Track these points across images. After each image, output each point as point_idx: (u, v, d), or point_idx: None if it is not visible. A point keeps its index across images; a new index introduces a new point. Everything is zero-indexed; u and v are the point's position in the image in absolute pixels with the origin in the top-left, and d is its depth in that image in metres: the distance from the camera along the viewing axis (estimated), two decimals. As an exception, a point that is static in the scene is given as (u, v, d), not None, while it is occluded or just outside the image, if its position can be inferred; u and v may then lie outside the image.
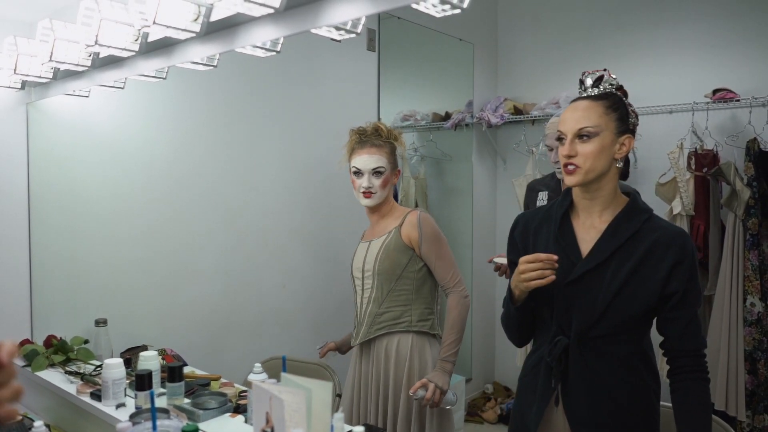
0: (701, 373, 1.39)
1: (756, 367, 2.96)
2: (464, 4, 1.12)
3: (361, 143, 2.02)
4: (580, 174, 1.37)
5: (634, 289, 1.37)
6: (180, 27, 1.44)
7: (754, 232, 2.94)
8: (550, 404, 1.45)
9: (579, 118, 1.37)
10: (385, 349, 2.01)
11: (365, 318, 2.04)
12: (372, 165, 1.99)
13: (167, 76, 1.85)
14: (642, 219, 1.40)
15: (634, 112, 1.43)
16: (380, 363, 2.02)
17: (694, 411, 1.37)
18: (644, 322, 1.41)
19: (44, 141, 2.22)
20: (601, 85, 1.41)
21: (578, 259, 1.41)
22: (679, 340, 1.39)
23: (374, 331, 2.01)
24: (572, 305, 1.40)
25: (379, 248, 2.01)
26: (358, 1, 1.15)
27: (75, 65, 1.85)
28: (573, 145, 1.37)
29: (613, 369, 1.41)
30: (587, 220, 1.45)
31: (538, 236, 1.50)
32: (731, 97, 3.07)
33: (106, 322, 2.12)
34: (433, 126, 3.81)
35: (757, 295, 2.94)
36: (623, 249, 1.39)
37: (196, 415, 1.67)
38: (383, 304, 2.01)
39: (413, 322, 2.01)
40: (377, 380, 2.03)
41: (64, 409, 2.02)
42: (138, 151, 2.27)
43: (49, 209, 2.23)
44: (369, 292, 2.03)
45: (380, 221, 2.09)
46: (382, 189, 2.01)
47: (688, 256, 1.37)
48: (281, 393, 1.29)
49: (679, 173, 3.12)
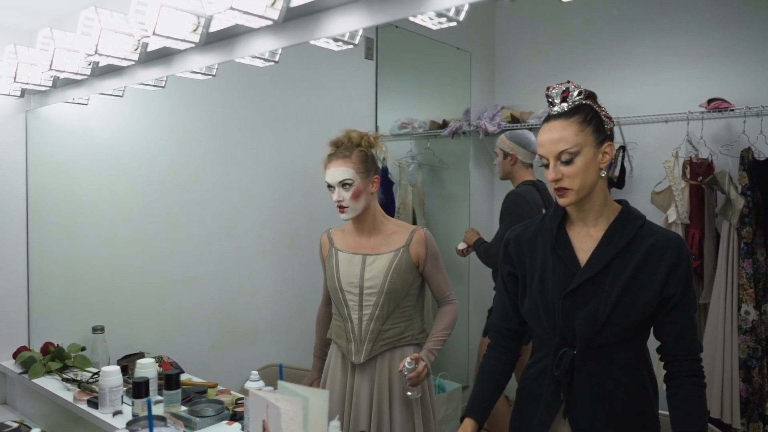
0: (697, 377, 1.40)
1: (751, 375, 2.98)
2: (460, 17, 1.14)
3: (330, 156, 1.96)
4: (571, 195, 1.38)
5: (634, 295, 1.37)
6: (179, 37, 1.46)
7: (748, 241, 2.96)
8: (557, 417, 1.45)
9: (556, 140, 1.36)
10: (388, 363, 1.97)
11: (367, 335, 1.96)
12: (338, 177, 1.91)
13: (166, 84, 1.86)
14: (637, 225, 1.41)
15: (607, 116, 1.42)
16: (383, 376, 1.96)
17: (689, 416, 1.37)
18: (645, 328, 1.42)
19: (43, 148, 2.24)
20: (569, 100, 1.39)
21: (577, 269, 1.41)
22: (675, 345, 1.40)
23: (379, 348, 1.96)
24: (574, 316, 1.40)
25: (387, 267, 1.94)
26: (356, 13, 1.17)
27: (74, 74, 1.87)
28: (557, 168, 1.37)
29: (617, 377, 1.41)
30: (582, 230, 1.45)
31: (533, 248, 1.50)
32: (726, 107, 3.09)
33: (103, 329, 2.13)
34: (430, 134, 3.83)
35: (751, 303, 2.95)
36: (620, 256, 1.39)
37: (193, 422, 1.67)
38: (387, 321, 1.96)
39: (415, 335, 2.01)
40: (378, 393, 1.97)
41: (60, 417, 2.02)
42: (136, 158, 2.28)
43: (47, 216, 2.24)
44: (371, 310, 1.95)
45: (373, 235, 2.01)
46: (353, 201, 1.91)
47: (684, 260, 1.38)
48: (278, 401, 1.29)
49: (675, 182, 3.14)
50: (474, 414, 1.54)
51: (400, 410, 1.96)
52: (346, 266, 1.99)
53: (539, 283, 1.46)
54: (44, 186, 2.23)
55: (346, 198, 1.91)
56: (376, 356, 1.97)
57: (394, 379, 1.96)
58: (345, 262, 2.00)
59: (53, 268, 2.23)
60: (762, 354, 2.97)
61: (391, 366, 1.97)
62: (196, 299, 2.44)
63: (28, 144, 2.25)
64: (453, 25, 1.16)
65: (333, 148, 1.97)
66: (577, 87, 1.40)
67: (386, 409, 1.96)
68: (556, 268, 1.43)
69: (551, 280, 1.43)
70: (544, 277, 1.45)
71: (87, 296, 2.22)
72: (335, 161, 1.93)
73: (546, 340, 1.47)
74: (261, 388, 1.60)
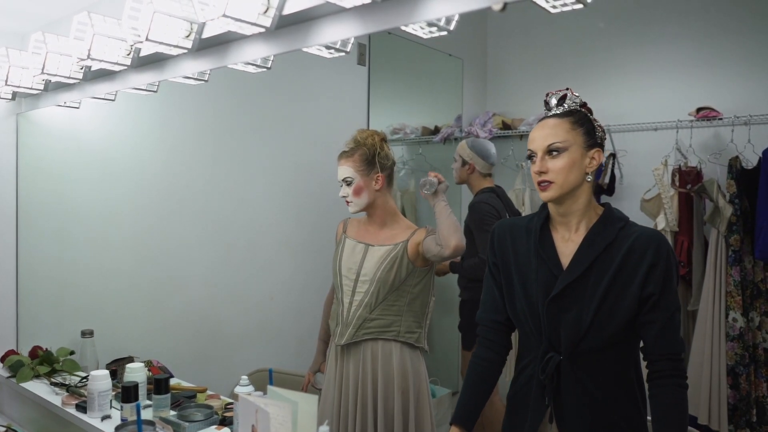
0: (678, 378, 1.38)
1: (738, 382, 3.00)
2: (451, 27, 1.15)
3: (339, 155, 2.11)
4: (554, 189, 1.40)
5: (616, 297, 1.38)
6: (172, 43, 1.47)
7: (736, 249, 2.99)
8: (543, 421, 1.46)
9: (547, 135, 1.41)
10: (371, 352, 2.04)
11: (353, 320, 2.05)
12: (341, 176, 2.07)
13: (158, 89, 1.87)
14: (618, 227, 1.42)
15: (600, 126, 1.46)
16: (366, 364, 2.04)
17: (669, 417, 1.36)
18: (632, 332, 1.41)
19: (34, 151, 2.23)
20: (565, 103, 1.44)
21: (560, 273, 1.42)
22: (655, 343, 1.38)
23: (362, 335, 2.04)
24: (559, 321, 1.41)
25: (383, 257, 2.02)
26: (348, 22, 1.18)
27: (66, 78, 1.86)
28: (543, 161, 1.40)
29: (605, 383, 1.42)
30: (565, 234, 1.46)
31: (517, 245, 1.51)
32: (714, 116, 3.13)
33: (92, 333, 2.12)
34: (422, 140, 3.84)
35: (739, 310, 2.98)
36: (601, 259, 1.40)
37: (182, 427, 1.67)
38: (375, 311, 2.03)
39: (401, 333, 2.04)
40: (363, 380, 2.05)
41: (49, 421, 2.01)
42: (127, 162, 2.28)
43: (36, 219, 2.23)
44: (361, 296, 2.04)
45: (383, 228, 2.10)
46: (355, 196, 2.06)
47: (663, 258, 1.37)
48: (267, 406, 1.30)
49: (664, 190, 3.17)
50: (461, 421, 1.54)
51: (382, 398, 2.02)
52: (349, 253, 2.11)
53: (522, 287, 1.47)
54: (34, 189, 2.23)
55: (349, 193, 2.07)
56: (360, 343, 2.05)
57: (377, 369, 2.03)
58: (349, 249, 2.12)
59: (42, 272, 2.22)
60: (749, 361, 2.99)
61: (375, 354, 2.03)
62: (185, 303, 2.43)
63: (19, 147, 2.25)
64: (444, 35, 1.18)
65: (344, 148, 2.12)
66: (575, 94, 1.45)
67: (370, 396, 2.03)
68: (540, 271, 1.44)
69: (535, 284, 1.44)
70: (528, 280, 1.46)
71: (76, 300, 2.21)
72: (341, 160, 2.10)
73: (533, 344, 1.48)
74: (251, 392, 1.61)
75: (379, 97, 3.21)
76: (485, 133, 3.91)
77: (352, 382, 2.06)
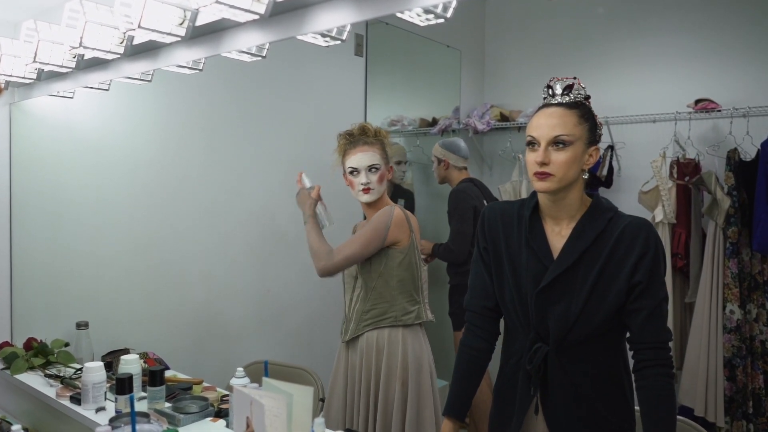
0: (664, 367, 1.37)
1: (735, 374, 3.00)
2: (448, 14, 1.13)
3: (352, 144, 2.08)
4: (553, 181, 1.37)
5: (605, 287, 1.36)
6: (165, 31, 1.45)
7: (734, 241, 2.98)
8: (529, 412, 1.45)
9: (555, 125, 1.36)
10: (376, 342, 2.04)
11: (353, 315, 2.09)
12: (367, 162, 2.04)
13: (153, 78, 1.85)
14: (606, 218, 1.40)
15: (599, 123, 1.44)
16: (371, 355, 2.05)
17: (656, 407, 1.35)
18: (619, 322, 1.40)
19: (27, 141, 2.21)
20: (571, 93, 1.39)
21: (550, 264, 1.41)
22: (642, 331, 1.36)
23: (362, 328, 2.06)
24: (547, 313, 1.39)
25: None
26: (343, 8, 1.17)
27: (59, 66, 1.84)
28: (547, 152, 1.36)
29: (592, 375, 1.41)
30: (555, 227, 1.45)
31: (508, 233, 1.48)
32: (713, 108, 3.11)
33: (87, 325, 2.11)
34: (420, 131, 3.83)
35: (736, 302, 2.98)
36: (591, 250, 1.38)
37: (177, 419, 1.66)
38: (368, 303, 2.06)
39: (398, 317, 2.05)
40: (368, 372, 2.06)
41: (43, 413, 2.00)
42: (122, 152, 2.26)
43: (30, 210, 2.21)
44: (357, 292, 2.09)
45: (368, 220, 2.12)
46: (379, 184, 2.06)
47: (652, 247, 1.36)
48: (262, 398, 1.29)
49: (662, 182, 3.16)
50: (453, 413, 1.54)
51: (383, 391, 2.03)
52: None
53: (513, 276, 1.45)
54: (28, 180, 2.21)
55: (373, 180, 2.05)
56: (362, 335, 2.08)
57: (381, 360, 2.04)
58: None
59: (37, 263, 2.21)
60: (746, 353, 2.99)
61: (380, 343, 2.05)
62: (182, 295, 2.42)
63: (12, 137, 2.22)
64: (441, 22, 1.16)
65: (347, 139, 2.10)
66: (582, 86, 1.41)
67: (372, 388, 2.05)
68: (530, 261, 1.43)
69: (525, 274, 1.43)
70: (517, 269, 1.45)
71: (71, 291, 2.20)
72: (360, 147, 2.06)
73: (520, 334, 1.47)
74: (246, 384, 1.60)
75: (376, 89, 3.19)
76: (483, 125, 3.89)
77: (358, 374, 2.09)
